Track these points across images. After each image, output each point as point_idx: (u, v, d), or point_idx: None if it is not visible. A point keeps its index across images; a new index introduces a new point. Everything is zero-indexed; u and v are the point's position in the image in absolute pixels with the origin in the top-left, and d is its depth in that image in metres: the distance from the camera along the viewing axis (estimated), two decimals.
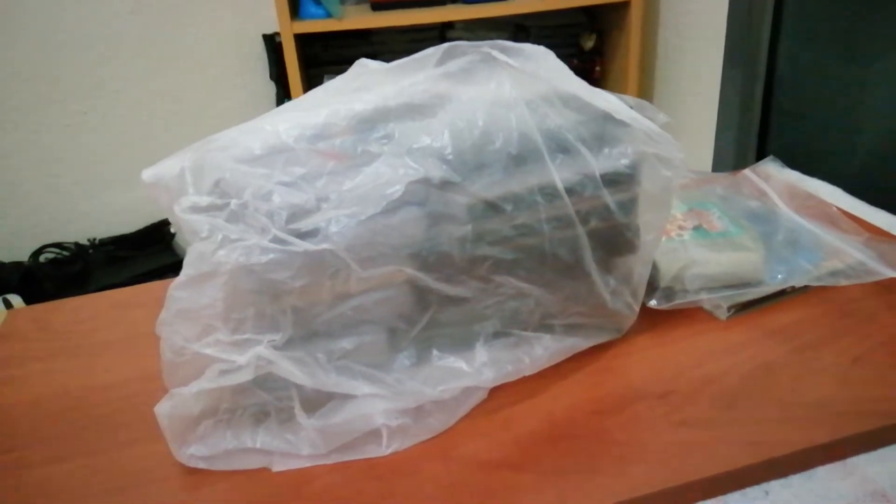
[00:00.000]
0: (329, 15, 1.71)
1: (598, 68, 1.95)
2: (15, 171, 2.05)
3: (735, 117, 1.36)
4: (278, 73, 1.93)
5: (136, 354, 0.63)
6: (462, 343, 0.53)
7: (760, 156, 1.31)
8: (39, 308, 0.74)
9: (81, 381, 0.60)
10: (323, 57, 1.87)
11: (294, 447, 0.49)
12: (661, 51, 1.84)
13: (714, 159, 1.49)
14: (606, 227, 0.53)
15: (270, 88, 2.01)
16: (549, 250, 0.51)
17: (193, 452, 0.49)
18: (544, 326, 0.55)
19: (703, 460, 0.48)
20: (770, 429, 0.50)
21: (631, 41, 1.78)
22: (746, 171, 0.81)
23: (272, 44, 1.92)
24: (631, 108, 0.52)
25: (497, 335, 0.54)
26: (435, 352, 0.52)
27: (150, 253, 1.90)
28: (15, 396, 0.59)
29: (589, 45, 1.90)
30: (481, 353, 0.53)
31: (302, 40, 1.75)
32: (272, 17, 1.75)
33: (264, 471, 0.49)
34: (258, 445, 0.49)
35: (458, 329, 0.53)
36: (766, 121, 1.30)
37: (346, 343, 0.49)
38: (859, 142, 1.13)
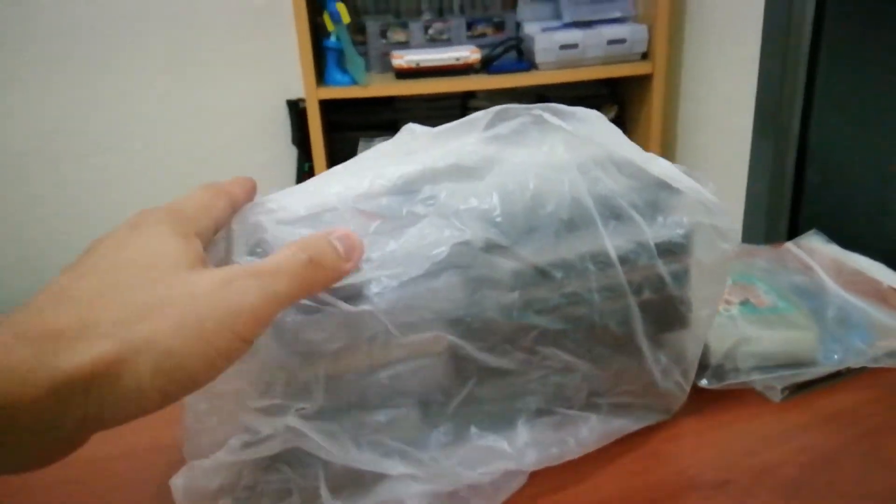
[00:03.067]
0: (354, 82, 1.74)
1: None
2: (34, 227, 2.05)
3: (766, 189, 1.35)
4: (300, 137, 1.95)
5: (149, 421, 0.59)
6: (503, 420, 0.49)
7: (792, 228, 1.28)
8: None
9: (85, 452, 0.56)
10: (345, 122, 1.89)
11: None
12: (682, 122, 1.84)
13: (744, 232, 1.46)
14: (659, 299, 0.50)
15: (291, 152, 2.03)
16: (600, 322, 0.48)
17: None
18: (590, 405, 0.51)
19: None
20: None
21: (653, 113, 1.78)
22: (789, 245, 0.78)
23: (296, 109, 1.95)
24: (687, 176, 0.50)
25: (540, 413, 0.50)
26: (473, 429, 0.48)
27: None
28: None
29: (610, 117, 1.92)
30: (523, 432, 0.49)
31: (324, 105, 1.77)
32: (295, 83, 1.77)
33: None
34: None
35: (498, 405, 0.49)
36: (799, 193, 1.28)
37: (381, 416, 0.45)
38: None
